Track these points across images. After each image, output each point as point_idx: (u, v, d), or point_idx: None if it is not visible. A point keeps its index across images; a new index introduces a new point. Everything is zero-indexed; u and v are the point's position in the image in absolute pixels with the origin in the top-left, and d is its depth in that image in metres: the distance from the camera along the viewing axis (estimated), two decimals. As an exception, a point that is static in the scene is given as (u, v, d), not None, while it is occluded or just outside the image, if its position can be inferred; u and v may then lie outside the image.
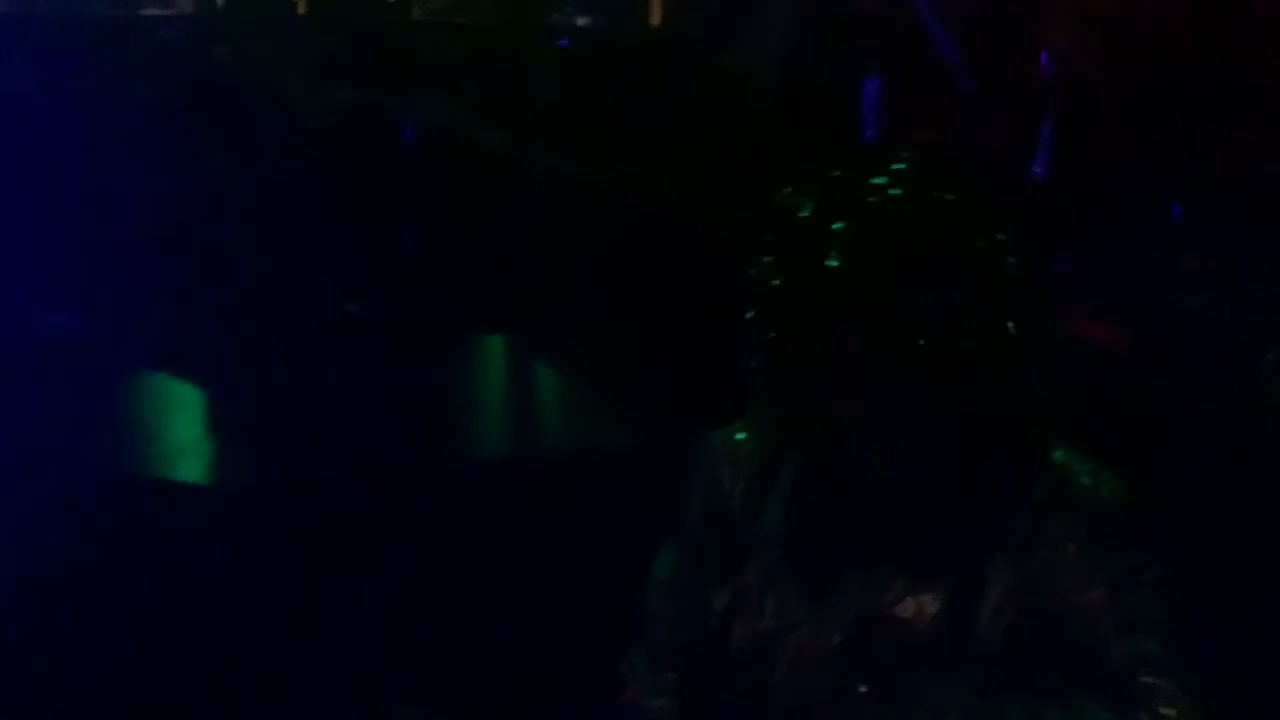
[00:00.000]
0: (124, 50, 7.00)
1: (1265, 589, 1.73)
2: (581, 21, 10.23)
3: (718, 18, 8.11)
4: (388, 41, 7.56)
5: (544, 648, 2.33)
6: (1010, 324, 1.35)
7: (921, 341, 1.33)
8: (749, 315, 1.36)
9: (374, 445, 2.68)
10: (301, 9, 8.87)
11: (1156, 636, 1.34)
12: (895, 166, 1.36)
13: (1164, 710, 1.33)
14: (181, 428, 2.91)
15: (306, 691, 2.32)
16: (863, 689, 1.40)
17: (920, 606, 1.39)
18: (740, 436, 1.53)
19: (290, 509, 2.46)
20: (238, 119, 5.66)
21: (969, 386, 1.37)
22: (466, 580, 2.37)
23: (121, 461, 2.62)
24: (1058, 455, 1.42)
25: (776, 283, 1.35)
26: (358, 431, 2.75)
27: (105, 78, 6.34)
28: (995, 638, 1.38)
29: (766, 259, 1.36)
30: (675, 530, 1.60)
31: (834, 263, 1.31)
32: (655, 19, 10.06)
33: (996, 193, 1.36)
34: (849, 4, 7.55)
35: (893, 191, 1.34)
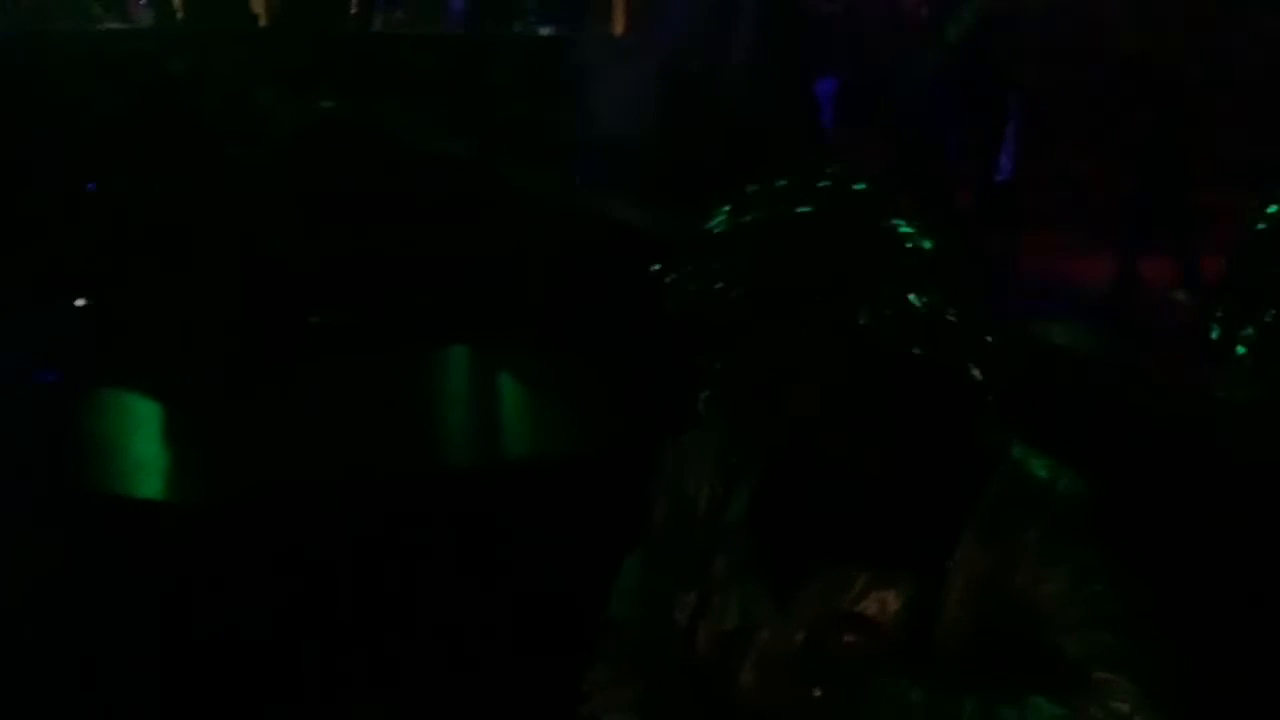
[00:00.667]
0: (84, 64, 6.98)
1: (1222, 586, 1.74)
2: (545, 31, 10.25)
3: (681, 26, 8.14)
4: (350, 53, 7.55)
5: (505, 659, 2.32)
6: (948, 323, 1.34)
7: (854, 349, 1.34)
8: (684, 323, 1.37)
9: (338, 456, 2.66)
10: (262, 22, 8.86)
11: (1112, 631, 1.35)
12: (819, 184, 1.37)
13: (1118, 705, 1.33)
14: (142, 443, 2.89)
15: (270, 696, 2.31)
16: (817, 693, 1.39)
17: (883, 603, 1.38)
18: (699, 439, 1.53)
19: (249, 523, 2.45)
20: (197, 130, 5.63)
21: (912, 385, 1.38)
22: (426, 590, 2.36)
23: (76, 478, 2.60)
24: (1015, 450, 1.42)
25: (695, 290, 1.36)
26: (324, 442, 2.73)
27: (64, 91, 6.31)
28: (957, 633, 1.38)
29: (688, 269, 1.37)
30: (639, 537, 1.59)
31: (741, 278, 1.32)
32: (619, 28, 10.10)
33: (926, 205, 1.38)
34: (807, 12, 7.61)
35: (804, 209, 1.35)
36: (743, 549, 1.46)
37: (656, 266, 1.38)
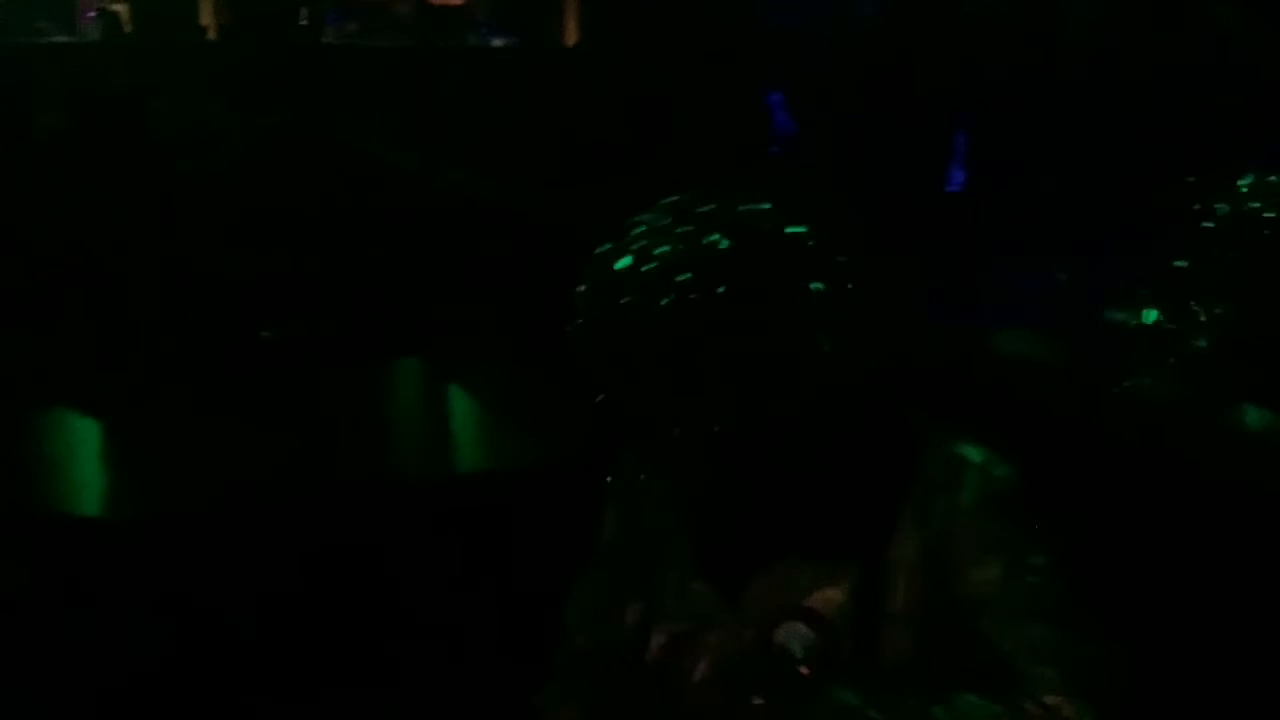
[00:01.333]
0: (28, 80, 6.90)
1: (1152, 581, 1.76)
2: (498, 42, 10.24)
3: (632, 38, 8.16)
4: (300, 65, 7.51)
5: (457, 678, 2.31)
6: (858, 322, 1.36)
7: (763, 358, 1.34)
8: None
9: (290, 470, 2.64)
10: (211, 35, 8.79)
11: (1046, 624, 1.36)
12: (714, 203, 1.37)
13: (1049, 699, 1.34)
14: (85, 462, 2.85)
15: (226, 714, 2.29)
16: (758, 701, 1.41)
17: (830, 596, 1.40)
18: (639, 456, 1.53)
19: (198, 539, 2.42)
20: (145, 145, 5.58)
21: (829, 387, 1.37)
22: (376, 608, 2.34)
23: (20, 499, 2.56)
24: (947, 437, 1.44)
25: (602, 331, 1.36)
26: (275, 456, 2.70)
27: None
28: (903, 624, 1.39)
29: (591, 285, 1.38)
30: (591, 553, 1.60)
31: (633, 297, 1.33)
32: (571, 39, 10.10)
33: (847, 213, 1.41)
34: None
35: (711, 236, 1.34)
36: (689, 552, 1.48)
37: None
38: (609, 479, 1.53)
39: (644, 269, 1.33)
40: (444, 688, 2.33)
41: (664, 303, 1.32)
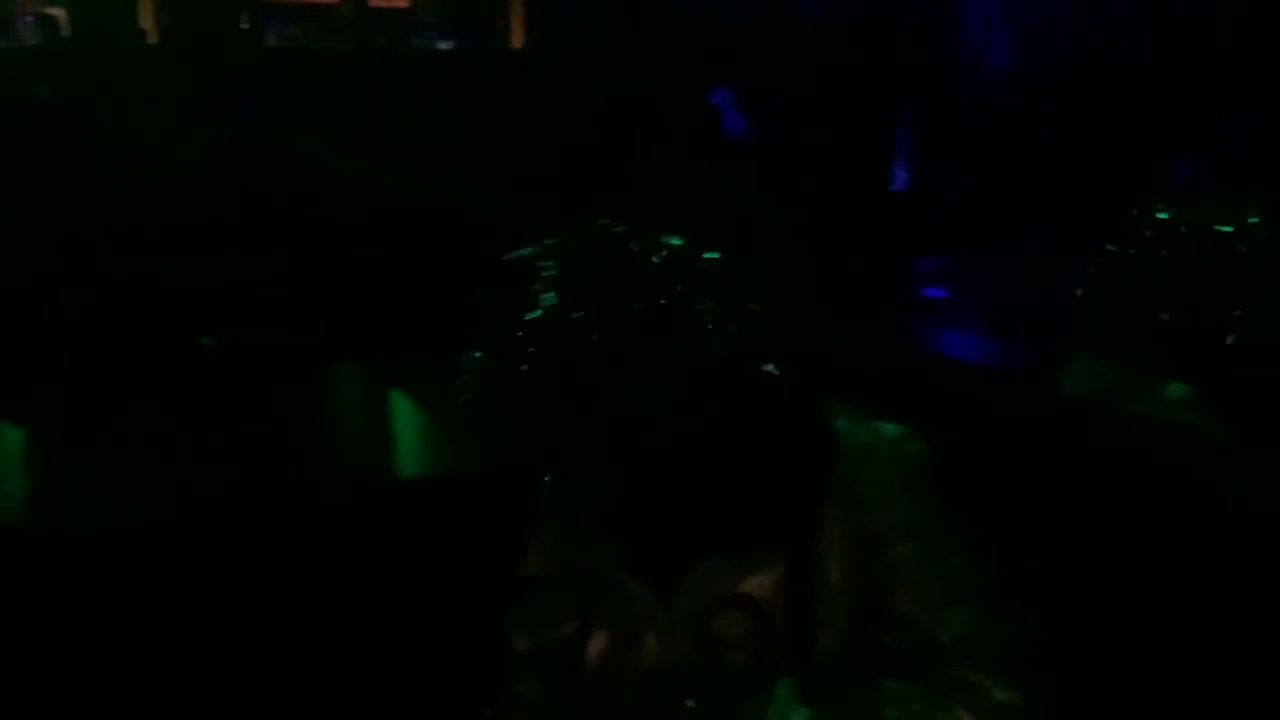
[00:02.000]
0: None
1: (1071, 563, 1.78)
2: (443, 46, 10.19)
3: (578, 41, 8.15)
4: (241, 69, 7.44)
5: (407, 687, 2.28)
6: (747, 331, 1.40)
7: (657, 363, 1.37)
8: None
9: (232, 478, 2.60)
10: (151, 39, 8.69)
11: (967, 605, 1.39)
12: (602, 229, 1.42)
13: (976, 678, 1.37)
14: (22, 473, 2.80)
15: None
16: (690, 703, 1.43)
17: (761, 584, 1.42)
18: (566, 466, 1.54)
19: (134, 554, 2.37)
20: (83, 152, 5.51)
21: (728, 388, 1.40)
22: (318, 623, 2.31)
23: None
24: (863, 418, 1.48)
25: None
26: (217, 464, 2.67)
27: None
28: (835, 608, 1.42)
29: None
30: (530, 556, 1.60)
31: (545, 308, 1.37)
32: (517, 42, 10.08)
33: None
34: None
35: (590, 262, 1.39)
36: (621, 553, 1.50)
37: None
38: (540, 485, 1.54)
39: (540, 306, 1.37)
40: (395, 697, 2.31)
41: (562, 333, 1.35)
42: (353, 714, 2.32)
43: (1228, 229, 2.07)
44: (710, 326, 1.37)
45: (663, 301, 1.36)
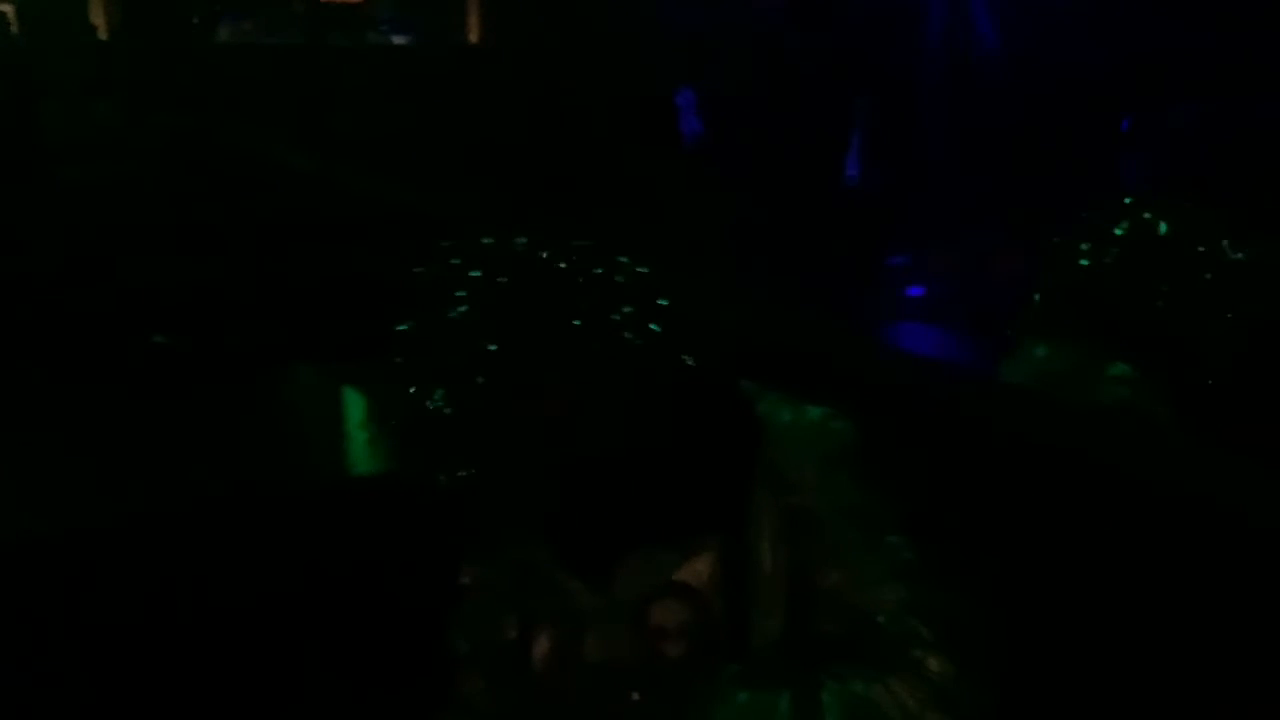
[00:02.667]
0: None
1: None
2: (398, 40, 10.13)
3: (535, 36, 8.13)
4: (193, 65, 7.37)
5: (352, 692, 2.27)
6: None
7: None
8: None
9: (183, 478, 2.58)
10: (103, 34, 8.60)
11: (907, 583, 1.41)
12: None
13: (917, 655, 1.38)
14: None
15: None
16: (635, 695, 1.45)
17: (697, 571, 1.44)
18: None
19: (79, 558, 2.35)
20: (30, 146, 5.45)
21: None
22: (259, 628, 2.30)
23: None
24: (788, 401, 1.50)
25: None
26: (168, 463, 2.65)
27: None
28: (771, 591, 1.44)
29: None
30: (466, 566, 1.61)
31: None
32: (473, 36, 10.03)
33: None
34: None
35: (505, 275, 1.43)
36: (556, 552, 1.52)
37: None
38: (473, 489, 1.54)
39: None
40: (342, 701, 2.30)
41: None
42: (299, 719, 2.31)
43: (1171, 226, 2.13)
44: (625, 326, 1.39)
45: (575, 306, 1.37)
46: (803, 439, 1.46)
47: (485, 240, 1.45)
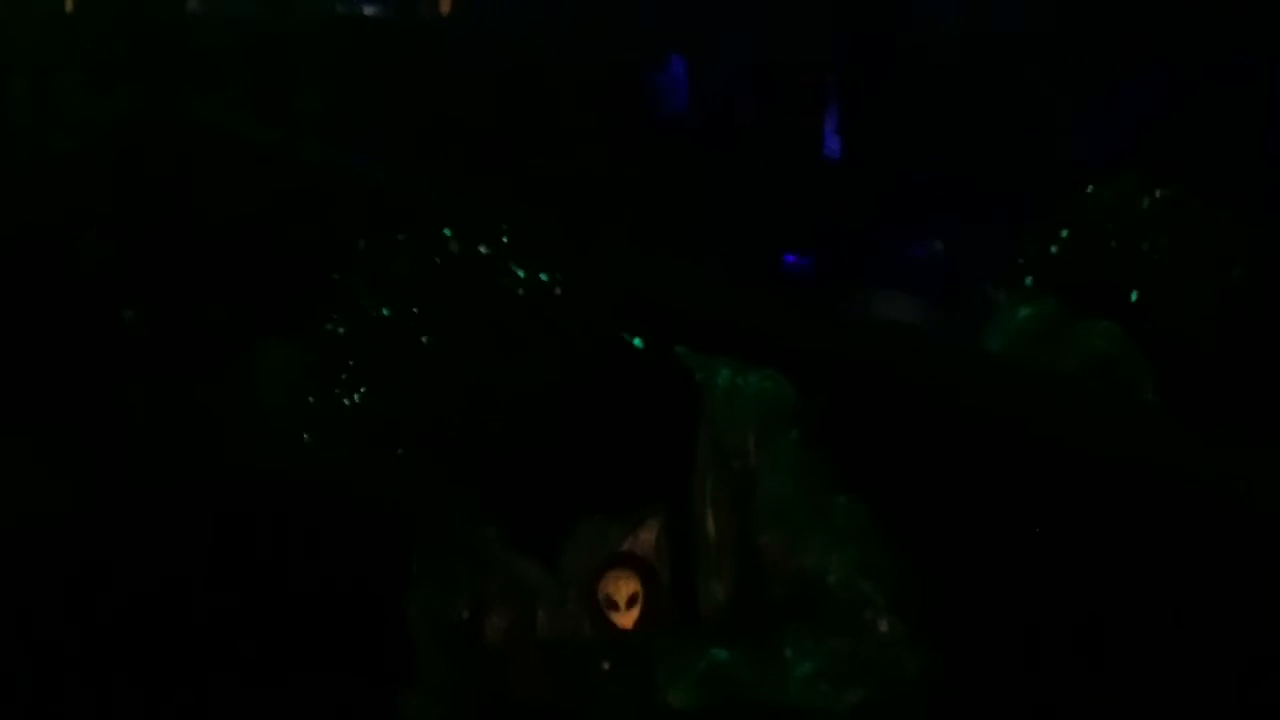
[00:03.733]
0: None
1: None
2: (369, 11, 10.04)
3: (507, 8, 8.07)
4: (161, 38, 7.30)
5: (316, 680, 2.27)
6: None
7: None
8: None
9: (155, 458, 2.57)
10: (69, 7, 8.50)
11: (856, 545, 1.42)
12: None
13: (868, 616, 1.39)
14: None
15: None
16: (605, 664, 1.46)
17: (643, 541, 1.45)
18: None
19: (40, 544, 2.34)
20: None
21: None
22: (220, 614, 2.29)
23: None
24: (727, 366, 1.49)
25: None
26: (139, 444, 2.63)
27: None
28: (719, 558, 1.45)
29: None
30: (417, 550, 1.61)
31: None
32: (445, 8, 9.96)
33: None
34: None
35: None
36: (503, 532, 1.52)
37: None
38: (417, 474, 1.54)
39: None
40: (305, 685, 2.29)
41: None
42: (263, 703, 2.31)
43: (1145, 200, 2.16)
44: (545, 306, 1.39)
45: (491, 293, 1.37)
46: (742, 402, 1.46)
47: (402, 237, 1.44)
